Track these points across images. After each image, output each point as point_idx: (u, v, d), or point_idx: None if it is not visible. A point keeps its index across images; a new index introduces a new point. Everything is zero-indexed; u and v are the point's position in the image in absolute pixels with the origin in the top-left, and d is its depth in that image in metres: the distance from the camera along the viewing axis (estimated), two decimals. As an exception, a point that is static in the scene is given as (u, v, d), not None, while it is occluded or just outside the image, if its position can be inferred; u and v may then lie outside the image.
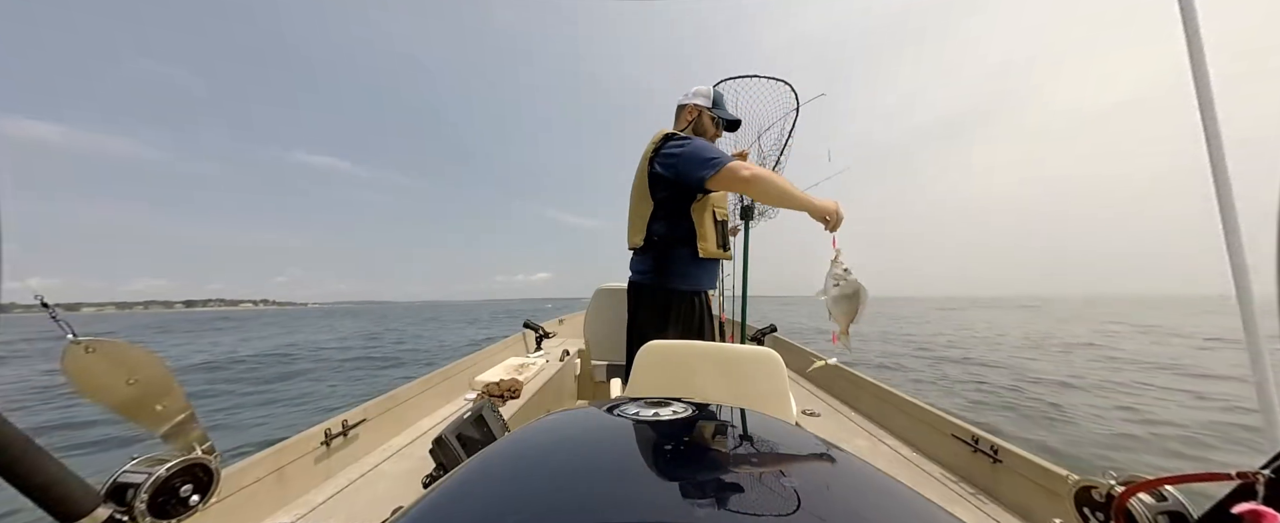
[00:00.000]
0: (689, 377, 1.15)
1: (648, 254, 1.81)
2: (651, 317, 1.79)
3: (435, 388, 2.17)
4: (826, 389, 2.55)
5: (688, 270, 1.79)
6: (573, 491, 0.42)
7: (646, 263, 1.82)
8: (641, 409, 0.60)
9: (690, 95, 1.93)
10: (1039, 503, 1.23)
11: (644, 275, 1.83)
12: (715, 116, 1.91)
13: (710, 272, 1.91)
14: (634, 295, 1.87)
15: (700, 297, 1.86)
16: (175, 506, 0.61)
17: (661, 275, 1.79)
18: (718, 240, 1.84)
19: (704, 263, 1.82)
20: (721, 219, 1.89)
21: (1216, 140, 0.81)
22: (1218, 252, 0.80)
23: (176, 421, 0.65)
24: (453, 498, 0.43)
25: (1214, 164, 0.81)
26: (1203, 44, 0.84)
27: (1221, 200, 0.80)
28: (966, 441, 1.50)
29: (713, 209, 1.83)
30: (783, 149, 2.41)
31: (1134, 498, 0.55)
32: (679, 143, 1.71)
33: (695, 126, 1.89)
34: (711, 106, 1.90)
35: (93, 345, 0.58)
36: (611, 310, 2.46)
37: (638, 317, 1.85)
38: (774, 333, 3.28)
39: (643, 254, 1.83)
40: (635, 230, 1.82)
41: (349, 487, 1.39)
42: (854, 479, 0.47)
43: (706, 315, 1.88)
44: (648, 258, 1.82)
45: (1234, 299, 0.76)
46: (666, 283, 1.79)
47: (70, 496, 0.50)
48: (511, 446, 0.54)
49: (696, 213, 1.77)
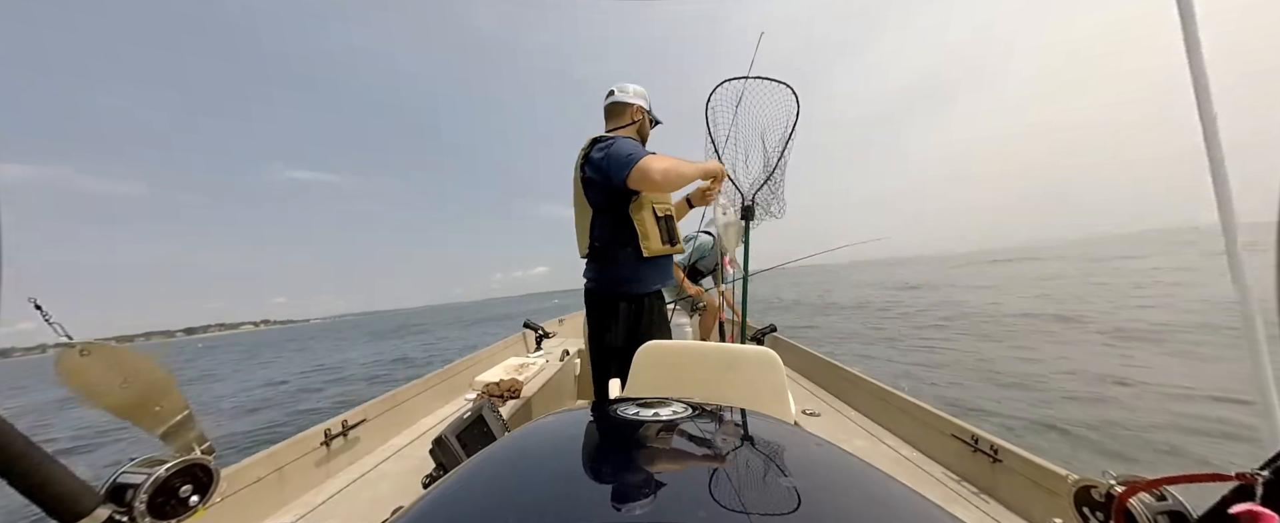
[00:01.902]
0: (688, 377, 1.15)
1: (594, 261, 1.84)
2: (603, 322, 1.81)
3: (435, 388, 2.17)
4: (826, 389, 2.55)
5: (636, 273, 1.79)
6: (572, 491, 0.42)
7: (593, 270, 1.85)
8: (641, 410, 0.60)
9: (630, 93, 1.89)
10: (1038, 503, 1.23)
11: (592, 282, 1.85)
12: (652, 117, 1.94)
13: (661, 269, 1.89)
14: (588, 303, 1.90)
15: (649, 298, 1.85)
16: (175, 506, 0.60)
17: (608, 281, 1.81)
18: (662, 236, 1.81)
19: (652, 262, 1.80)
20: (663, 215, 1.86)
21: (1215, 140, 0.82)
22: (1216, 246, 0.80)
23: (175, 421, 0.65)
24: (453, 498, 0.43)
25: (1213, 165, 0.81)
26: (1200, 39, 0.84)
27: (1221, 201, 0.80)
28: (966, 440, 1.50)
29: (652, 206, 1.80)
30: (784, 148, 2.41)
31: (1133, 498, 0.55)
32: (603, 145, 1.71)
33: (639, 127, 1.89)
34: (649, 107, 1.92)
35: (88, 349, 0.58)
36: None
37: (591, 323, 1.88)
38: (774, 333, 3.28)
39: (590, 262, 1.86)
40: (581, 239, 1.86)
41: (349, 487, 1.39)
42: (854, 479, 0.47)
43: (656, 317, 1.88)
44: (594, 265, 1.85)
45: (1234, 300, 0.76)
46: (614, 288, 1.81)
47: (70, 496, 0.50)
48: (511, 446, 0.54)
49: (635, 212, 1.75)
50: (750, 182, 2.52)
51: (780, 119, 2.40)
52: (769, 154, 2.46)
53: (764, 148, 2.48)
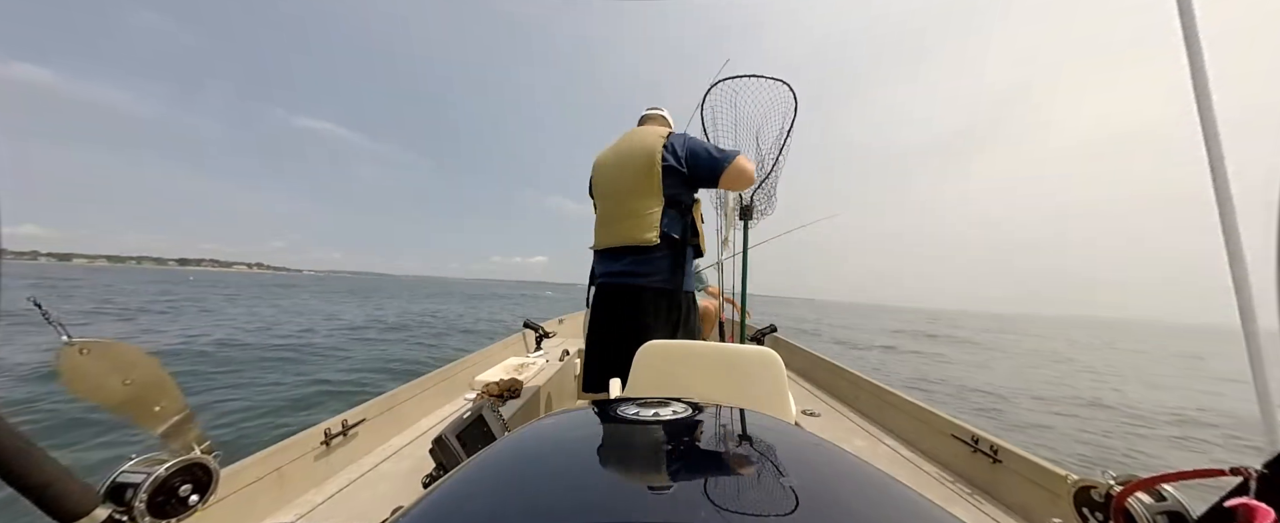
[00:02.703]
0: (688, 377, 1.15)
1: (659, 254, 1.69)
2: (663, 322, 1.68)
3: (435, 388, 2.17)
4: (826, 389, 2.55)
5: (690, 271, 1.79)
6: (572, 491, 0.42)
7: (659, 265, 1.69)
8: (641, 409, 0.60)
9: (663, 112, 1.96)
10: (1038, 503, 1.23)
11: (656, 278, 1.69)
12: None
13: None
14: (644, 299, 1.70)
15: (693, 296, 1.87)
16: (174, 505, 0.60)
17: (676, 279, 1.70)
18: (704, 238, 1.84)
19: (696, 262, 1.84)
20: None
21: (1215, 140, 0.81)
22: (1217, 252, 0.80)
23: (174, 420, 0.65)
24: (452, 498, 0.43)
25: (1213, 164, 0.81)
26: (1201, 42, 0.84)
27: (1221, 201, 0.80)
28: (966, 441, 1.50)
29: (700, 211, 1.84)
30: (782, 148, 2.41)
31: (1132, 497, 0.55)
32: (686, 137, 1.71)
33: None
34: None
35: (87, 347, 0.58)
36: None
37: (645, 322, 1.67)
38: (774, 333, 3.28)
39: (650, 254, 1.69)
40: (641, 226, 1.67)
41: (349, 487, 1.39)
42: (853, 479, 0.47)
43: (697, 314, 1.88)
44: (660, 259, 1.69)
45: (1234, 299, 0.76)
46: (682, 285, 1.73)
47: (69, 496, 0.50)
48: (511, 446, 0.54)
49: (695, 212, 1.78)
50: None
51: (776, 118, 2.40)
52: (764, 153, 2.46)
53: (759, 148, 2.48)
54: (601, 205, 1.85)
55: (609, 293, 1.80)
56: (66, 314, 0.57)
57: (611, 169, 1.79)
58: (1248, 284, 0.76)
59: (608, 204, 1.80)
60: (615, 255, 1.77)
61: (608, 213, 1.80)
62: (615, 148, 1.84)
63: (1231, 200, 0.80)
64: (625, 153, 1.77)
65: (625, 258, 1.74)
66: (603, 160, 1.85)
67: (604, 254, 1.82)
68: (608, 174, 1.80)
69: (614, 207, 1.77)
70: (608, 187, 1.80)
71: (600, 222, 1.84)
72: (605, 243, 1.79)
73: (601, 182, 1.83)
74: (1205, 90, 0.83)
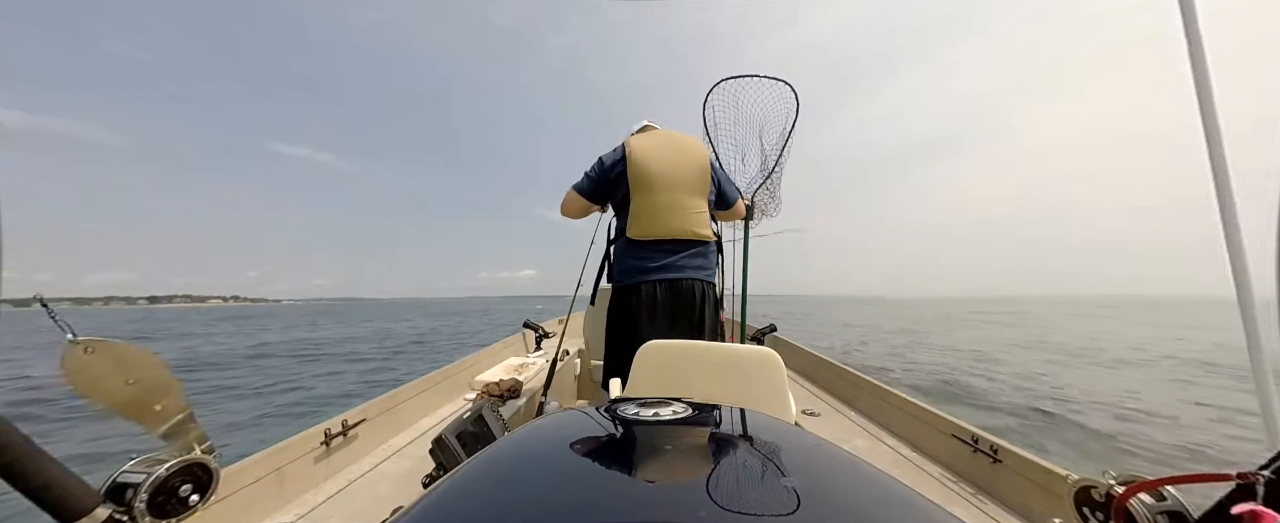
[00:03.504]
0: (688, 377, 1.15)
1: (712, 251, 1.85)
2: (712, 316, 1.80)
3: (435, 388, 2.17)
4: (826, 389, 2.55)
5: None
6: (572, 491, 0.42)
7: (712, 261, 1.85)
8: (641, 409, 0.60)
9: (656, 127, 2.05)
10: (1038, 503, 1.23)
11: (710, 274, 1.82)
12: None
13: None
14: (707, 294, 1.78)
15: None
16: (175, 505, 0.60)
17: (713, 272, 1.86)
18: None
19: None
20: None
21: (1216, 140, 0.81)
22: (1216, 252, 0.80)
23: (175, 420, 0.65)
24: (452, 498, 0.43)
25: (1214, 164, 0.81)
26: (1202, 40, 0.84)
27: (1221, 200, 0.80)
28: (966, 440, 1.50)
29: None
30: (783, 147, 2.41)
31: (1134, 498, 0.55)
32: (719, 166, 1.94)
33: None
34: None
35: (92, 346, 0.59)
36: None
37: (703, 316, 1.75)
38: (774, 333, 3.28)
39: (706, 250, 1.80)
40: (698, 222, 1.75)
41: (349, 487, 1.39)
42: (854, 479, 0.46)
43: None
44: (713, 255, 1.86)
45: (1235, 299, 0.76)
46: (716, 279, 1.90)
47: (70, 496, 0.50)
48: (511, 446, 0.54)
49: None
50: (748, 181, 2.52)
51: (778, 118, 2.40)
52: (767, 153, 2.46)
53: (762, 147, 2.48)
54: (646, 196, 1.74)
55: (669, 286, 1.74)
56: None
57: (663, 162, 1.72)
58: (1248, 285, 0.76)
59: (657, 196, 1.73)
60: (666, 248, 1.74)
61: (656, 204, 1.73)
62: (661, 142, 1.78)
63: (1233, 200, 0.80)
64: (676, 150, 1.75)
65: (682, 252, 1.74)
66: (648, 151, 1.75)
67: (648, 245, 1.75)
68: (658, 166, 1.72)
69: (665, 199, 1.72)
70: (660, 179, 1.72)
71: (643, 212, 1.74)
72: (654, 235, 1.73)
73: (650, 173, 1.72)
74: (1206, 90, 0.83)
